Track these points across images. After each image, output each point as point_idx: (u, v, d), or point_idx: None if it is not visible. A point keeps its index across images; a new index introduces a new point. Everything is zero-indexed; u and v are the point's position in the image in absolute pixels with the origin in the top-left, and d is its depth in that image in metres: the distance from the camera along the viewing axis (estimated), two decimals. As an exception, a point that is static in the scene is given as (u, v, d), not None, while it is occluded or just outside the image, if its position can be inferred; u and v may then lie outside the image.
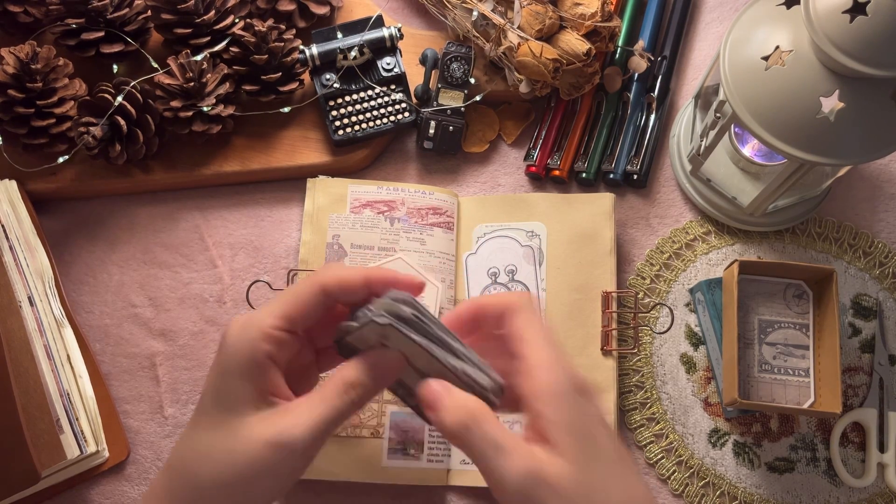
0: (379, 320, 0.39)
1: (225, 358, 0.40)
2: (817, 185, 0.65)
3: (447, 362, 0.40)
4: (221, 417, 0.40)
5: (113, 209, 0.70)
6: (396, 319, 0.39)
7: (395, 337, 0.40)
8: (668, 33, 0.73)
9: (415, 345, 0.40)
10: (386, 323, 0.39)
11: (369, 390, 0.41)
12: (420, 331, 0.40)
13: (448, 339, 0.41)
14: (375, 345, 0.41)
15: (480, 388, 0.40)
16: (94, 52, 0.68)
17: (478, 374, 0.40)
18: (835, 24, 0.47)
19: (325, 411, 0.39)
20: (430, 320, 0.40)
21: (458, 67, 0.68)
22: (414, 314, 0.40)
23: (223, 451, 0.39)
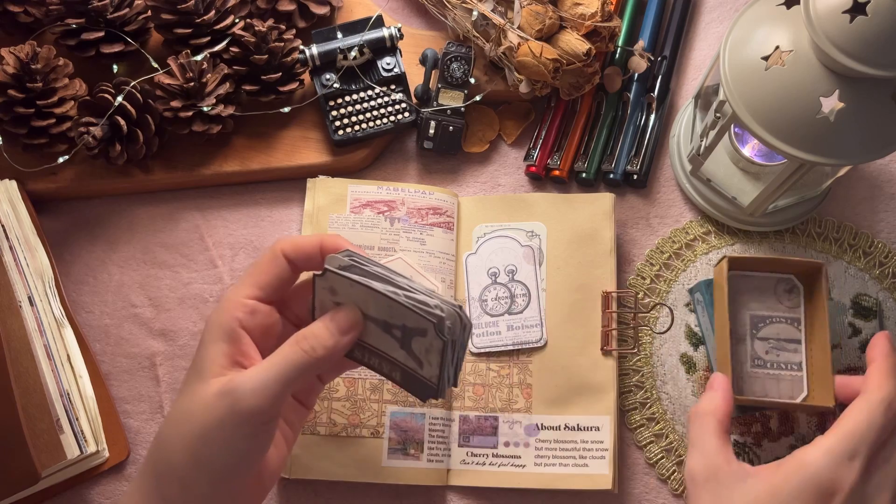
0: (319, 273, 0.42)
1: (204, 332, 0.44)
2: (817, 185, 0.65)
3: (387, 291, 0.41)
4: (189, 383, 0.42)
5: (113, 209, 0.70)
6: (339, 269, 0.42)
7: (340, 287, 0.42)
8: (668, 33, 0.73)
9: (357, 286, 0.41)
10: (323, 273, 0.42)
11: (323, 342, 0.42)
12: (360, 272, 0.42)
13: (389, 275, 0.42)
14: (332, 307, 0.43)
15: (425, 307, 0.41)
16: (94, 52, 0.68)
17: (421, 297, 0.41)
18: (835, 24, 0.47)
19: (275, 362, 0.41)
20: (368, 262, 0.42)
21: (458, 67, 0.68)
22: (351, 259, 0.42)
23: (185, 412, 0.41)
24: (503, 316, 0.65)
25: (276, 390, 0.40)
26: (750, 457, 0.62)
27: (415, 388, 0.46)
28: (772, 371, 0.59)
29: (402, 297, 0.41)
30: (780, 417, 0.63)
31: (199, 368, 0.42)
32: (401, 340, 0.44)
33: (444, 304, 0.42)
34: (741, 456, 0.62)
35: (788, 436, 0.63)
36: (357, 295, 0.42)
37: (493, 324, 0.64)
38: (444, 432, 0.62)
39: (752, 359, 0.59)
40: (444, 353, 0.42)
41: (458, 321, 0.43)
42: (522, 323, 0.64)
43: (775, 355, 0.58)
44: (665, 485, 0.63)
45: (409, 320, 0.42)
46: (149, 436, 0.64)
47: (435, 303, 0.41)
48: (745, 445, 0.63)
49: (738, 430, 0.63)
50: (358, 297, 0.42)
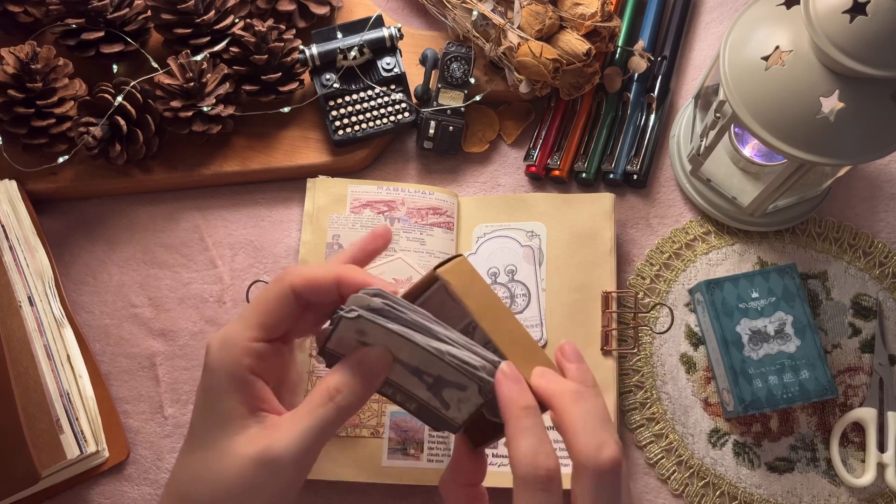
0: (348, 315, 0.38)
1: (209, 377, 0.39)
2: (817, 185, 0.65)
3: (429, 346, 0.38)
4: (211, 437, 0.39)
5: (113, 209, 0.70)
6: (366, 311, 0.38)
7: (372, 331, 0.38)
8: (668, 33, 0.73)
9: (392, 334, 0.38)
10: (355, 315, 0.38)
11: (356, 392, 0.39)
12: (394, 318, 0.38)
13: (427, 323, 0.38)
14: (357, 347, 0.39)
15: (471, 369, 0.38)
16: (94, 52, 0.68)
17: (466, 355, 0.38)
18: (835, 24, 0.47)
19: (310, 422, 0.38)
20: (404, 306, 0.38)
21: (458, 67, 0.68)
22: (384, 303, 0.38)
23: (214, 471, 0.38)
24: (503, 316, 0.65)
25: (315, 452, 0.39)
26: (750, 457, 0.62)
27: (431, 420, 0.43)
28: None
29: (446, 357, 0.38)
30: (780, 418, 0.63)
31: (220, 421, 0.39)
32: (431, 386, 0.41)
33: (487, 362, 0.39)
34: (741, 456, 0.62)
35: (788, 436, 0.63)
36: (389, 340, 0.39)
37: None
38: (444, 432, 0.62)
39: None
40: (481, 408, 0.41)
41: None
42: (522, 323, 0.64)
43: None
44: (665, 485, 0.63)
45: (447, 374, 0.39)
46: (149, 436, 0.64)
47: (480, 363, 0.38)
48: (745, 445, 0.63)
49: (739, 430, 0.63)
50: (390, 342, 0.39)
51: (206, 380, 0.40)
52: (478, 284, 0.39)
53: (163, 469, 0.64)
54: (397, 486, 0.62)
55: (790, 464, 0.62)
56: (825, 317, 0.65)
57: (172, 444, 0.64)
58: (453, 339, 0.39)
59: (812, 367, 0.60)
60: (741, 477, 0.62)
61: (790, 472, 0.62)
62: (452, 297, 0.39)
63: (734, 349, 0.61)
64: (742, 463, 0.62)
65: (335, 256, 0.45)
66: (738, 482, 0.62)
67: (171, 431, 0.65)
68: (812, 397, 0.60)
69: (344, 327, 0.38)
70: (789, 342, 0.61)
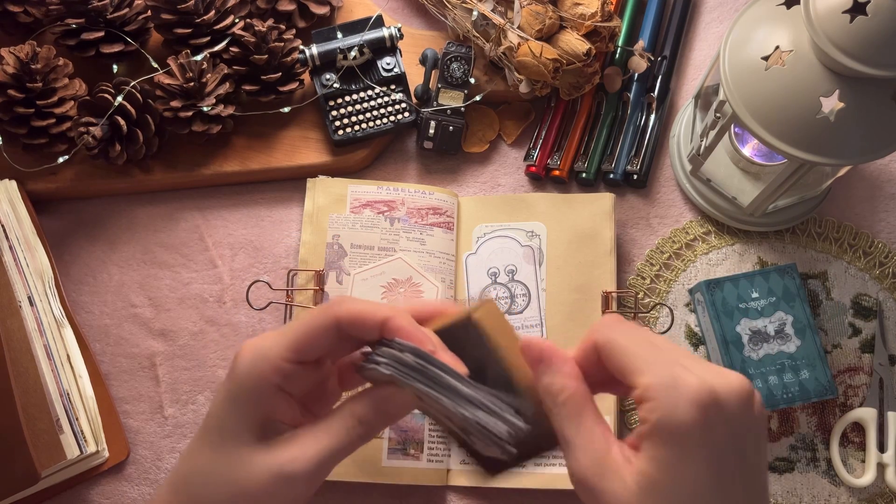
0: (383, 370, 0.38)
1: (234, 386, 0.40)
2: (817, 185, 0.65)
3: (457, 412, 0.38)
4: (227, 444, 0.39)
5: (113, 209, 0.70)
6: (400, 366, 0.38)
7: (402, 384, 0.39)
8: (668, 33, 0.73)
9: (423, 391, 0.39)
10: (388, 374, 0.38)
11: (375, 427, 0.40)
12: (427, 377, 0.38)
13: (458, 385, 0.38)
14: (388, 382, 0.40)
15: (497, 439, 0.38)
16: (94, 52, 0.68)
17: (494, 423, 0.38)
18: (835, 24, 0.47)
19: (330, 444, 0.39)
20: (438, 366, 0.38)
21: (458, 67, 0.68)
22: (418, 362, 0.38)
23: (227, 478, 0.39)
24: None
25: (328, 469, 0.39)
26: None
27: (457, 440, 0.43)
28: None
29: (473, 424, 0.38)
30: (781, 418, 0.63)
31: (234, 429, 0.39)
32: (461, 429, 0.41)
33: (512, 429, 0.38)
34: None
35: (788, 436, 0.63)
36: (419, 390, 0.39)
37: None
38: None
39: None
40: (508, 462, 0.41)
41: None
42: (522, 323, 0.64)
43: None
44: (665, 485, 0.63)
45: (472, 430, 0.39)
46: (149, 436, 0.64)
47: (503, 431, 0.38)
48: (745, 445, 0.63)
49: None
50: (419, 391, 0.39)
51: (231, 386, 0.40)
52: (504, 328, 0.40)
53: (163, 469, 0.64)
54: (397, 486, 0.62)
55: (790, 464, 0.62)
56: (825, 317, 0.65)
57: (172, 444, 0.64)
58: (482, 403, 0.38)
59: (812, 368, 0.60)
60: (741, 477, 0.62)
61: (790, 472, 0.62)
62: (481, 336, 0.39)
63: (734, 349, 0.61)
64: (742, 463, 0.62)
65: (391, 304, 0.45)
66: (738, 482, 0.62)
67: (171, 431, 0.65)
68: (812, 397, 0.60)
69: (376, 375, 0.39)
70: (789, 342, 0.61)
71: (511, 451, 0.38)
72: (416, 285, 0.65)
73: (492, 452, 0.39)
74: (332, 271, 0.65)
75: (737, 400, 0.33)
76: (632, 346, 0.35)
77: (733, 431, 0.32)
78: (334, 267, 0.65)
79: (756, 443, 0.34)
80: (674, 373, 0.33)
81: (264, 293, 0.67)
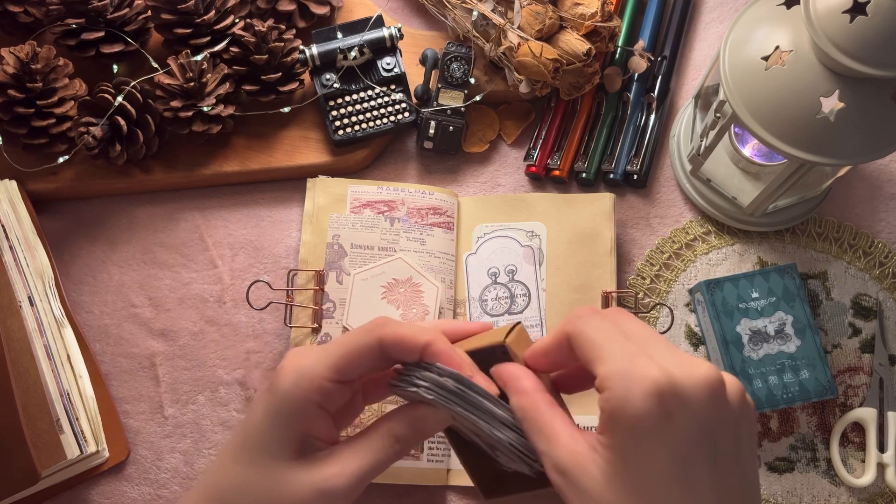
0: (425, 395, 0.39)
1: (276, 401, 0.40)
2: (817, 185, 0.65)
3: (492, 434, 0.39)
4: (266, 460, 0.40)
5: (113, 209, 0.70)
6: (440, 390, 0.39)
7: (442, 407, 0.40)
8: (668, 33, 0.73)
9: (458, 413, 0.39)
10: (431, 398, 0.39)
11: (410, 443, 0.41)
12: (465, 401, 0.39)
13: (493, 408, 0.39)
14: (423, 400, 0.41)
15: (531, 459, 0.39)
16: (94, 52, 0.68)
17: (525, 444, 0.39)
18: (835, 24, 0.47)
19: (368, 461, 0.40)
20: (476, 391, 0.39)
21: (458, 67, 0.68)
22: (457, 387, 0.39)
23: (267, 494, 0.39)
24: (503, 316, 0.65)
25: (365, 484, 0.40)
26: (750, 457, 0.62)
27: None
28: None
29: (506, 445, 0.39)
30: (781, 418, 0.63)
31: (273, 444, 0.40)
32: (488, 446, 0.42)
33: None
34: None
35: (788, 436, 0.63)
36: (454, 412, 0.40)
37: (494, 324, 0.64)
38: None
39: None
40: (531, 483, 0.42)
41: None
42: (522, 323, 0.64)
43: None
44: (665, 485, 0.63)
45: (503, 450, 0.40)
46: (149, 436, 0.64)
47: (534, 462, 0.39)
48: (745, 445, 0.63)
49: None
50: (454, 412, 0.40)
51: (273, 401, 0.40)
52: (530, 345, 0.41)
53: (163, 469, 0.64)
54: (397, 485, 0.62)
55: (790, 464, 0.62)
56: (825, 317, 0.65)
57: (172, 444, 0.64)
58: (514, 424, 0.39)
59: (812, 367, 0.60)
60: (741, 477, 0.62)
61: (790, 472, 0.62)
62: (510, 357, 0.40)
63: (734, 349, 0.61)
64: (742, 463, 0.62)
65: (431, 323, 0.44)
66: (738, 482, 0.62)
67: (171, 431, 0.65)
68: (812, 397, 0.60)
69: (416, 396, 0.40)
70: (789, 342, 0.61)
71: (538, 468, 0.38)
72: (416, 285, 0.65)
73: (518, 467, 0.40)
74: (332, 271, 0.65)
75: (702, 391, 0.32)
76: (598, 337, 0.35)
77: (700, 424, 0.32)
78: (334, 267, 0.65)
79: (733, 436, 0.33)
80: (632, 362, 0.33)
81: (264, 293, 0.67)
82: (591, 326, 0.36)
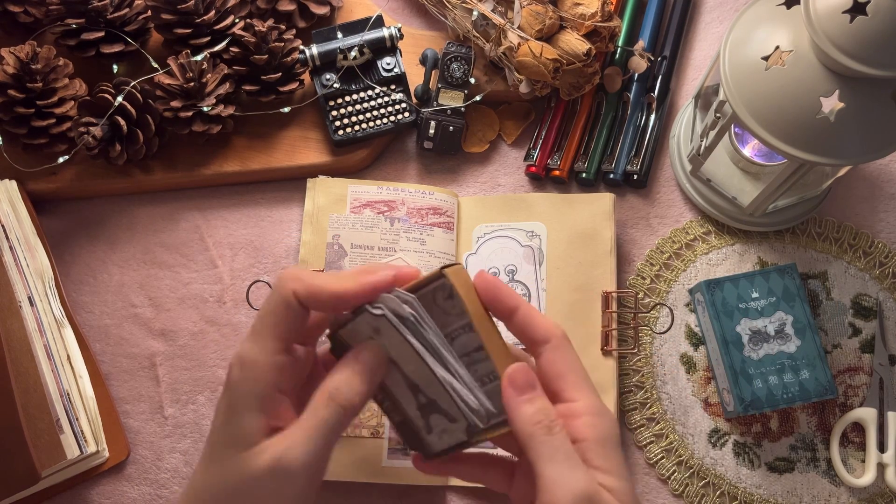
0: (373, 311, 0.38)
1: (229, 397, 0.40)
2: (817, 185, 0.65)
3: (437, 372, 0.39)
4: (228, 453, 0.40)
5: (113, 209, 0.70)
6: (394, 316, 0.38)
7: (388, 333, 0.39)
8: (668, 33, 0.73)
9: (407, 345, 0.38)
10: (380, 314, 0.38)
11: (355, 389, 0.40)
12: (416, 334, 0.39)
13: (444, 352, 0.39)
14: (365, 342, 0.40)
15: (466, 409, 0.39)
16: (95, 52, 0.68)
17: (466, 394, 0.39)
18: (835, 24, 0.47)
19: (315, 425, 0.39)
20: (429, 328, 0.39)
21: (458, 67, 0.68)
22: (413, 315, 0.38)
23: (233, 485, 0.39)
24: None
25: (325, 455, 0.40)
26: (750, 457, 0.62)
27: (408, 438, 0.44)
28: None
29: (448, 388, 0.39)
30: (781, 418, 0.63)
31: (237, 440, 0.40)
32: (422, 406, 0.41)
33: (482, 408, 0.40)
34: (741, 456, 0.62)
35: (788, 436, 0.63)
36: (401, 349, 0.39)
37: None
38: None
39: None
40: (461, 445, 0.41)
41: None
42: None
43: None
44: (665, 485, 0.63)
45: (443, 402, 0.40)
46: (149, 436, 0.64)
47: (478, 406, 0.39)
48: (745, 445, 0.63)
49: (739, 430, 0.63)
50: (400, 351, 0.39)
51: (227, 399, 0.40)
52: (473, 293, 0.40)
53: (163, 469, 0.64)
54: (397, 485, 0.62)
55: (790, 464, 0.62)
56: (825, 317, 0.65)
57: (172, 444, 0.64)
58: (461, 375, 0.39)
59: (812, 367, 0.60)
60: (741, 477, 0.62)
61: (790, 472, 0.62)
62: (452, 297, 0.39)
63: (734, 349, 0.61)
64: (742, 463, 0.62)
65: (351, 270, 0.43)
66: (738, 482, 0.62)
67: (171, 431, 0.65)
68: (812, 397, 0.60)
69: (363, 320, 0.39)
70: (789, 342, 0.61)
71: (476, 423, 0.39)
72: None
73: (449, 440, 0.41)
74: (332, 271, 0.65)
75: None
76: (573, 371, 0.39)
77: None
78: (334, 267, 0.65)
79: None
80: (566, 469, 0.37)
81: (264, 293, 0.67)
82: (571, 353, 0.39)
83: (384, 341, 0.39)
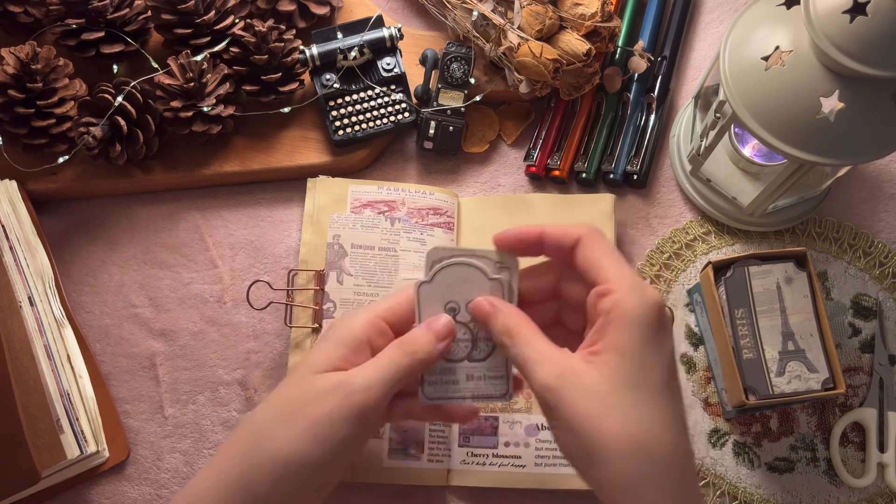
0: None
1: (330, 331, 0.46)
2: (817, 185, 0.65)
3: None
4: (307, 374, 0.45)
5: (113, 209, 0.70)
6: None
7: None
8: (668, 33, 0.73)
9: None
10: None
11: (425, 346, 0.44)
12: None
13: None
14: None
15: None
16: (95, 52, 0.68)
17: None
18: (835, 24, 0.47)
19: (381, 364, 0.44)
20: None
21: (458, 67, 0.68)
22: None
23: (305, 396, 0.44)
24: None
25: (385, 388, 0.43)
26: (750, 457, 0.62)
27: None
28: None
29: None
30: (780, 417, 0.63)
31: (314, 363, 0.45)
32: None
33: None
34: (741, 456, 0.62)
35: (788, 436, 0.63)
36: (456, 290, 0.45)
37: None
38: (445, 432, 0.62)
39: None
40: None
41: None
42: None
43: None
44: (665, 485, 0.63)
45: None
46: (149, 436, 0.64)
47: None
48: (745, 445, 0.63)
49: (739, 430, 0.63)
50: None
51: (321, 336, 0.47)
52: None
53: (163, 469, 0.64)
54: (398, 485, 0.62)
55: (790, 464, 0.62)
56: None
57: (172, 444, 0.64)
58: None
59: (812, 367, 0.60)
60: (741, 477, 0.62)
61: (790, 472, 0.62)
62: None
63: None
64: (742, 463, 0.62)
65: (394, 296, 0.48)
66: (738, 482, 0.62)
67: (171, 431, 0.65)
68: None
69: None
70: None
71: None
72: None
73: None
74: (332, 271, 0.65)
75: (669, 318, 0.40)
76: (611, 252, 0.41)
77: (671, 342, 0.39)
78: (335, 267, 0.65)
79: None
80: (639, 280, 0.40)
81: (265, 293, 0.67)
82: (604, 243, 0.41)
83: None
